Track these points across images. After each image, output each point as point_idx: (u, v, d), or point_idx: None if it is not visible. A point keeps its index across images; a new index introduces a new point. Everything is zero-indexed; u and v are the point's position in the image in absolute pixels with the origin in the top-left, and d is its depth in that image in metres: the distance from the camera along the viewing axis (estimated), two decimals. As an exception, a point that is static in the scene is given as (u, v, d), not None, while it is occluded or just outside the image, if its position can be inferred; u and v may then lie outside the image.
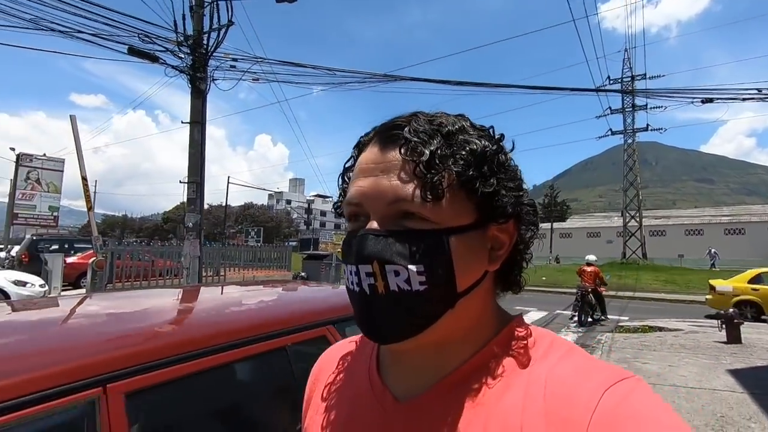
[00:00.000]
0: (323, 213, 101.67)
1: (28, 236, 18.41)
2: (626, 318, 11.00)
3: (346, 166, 0.55)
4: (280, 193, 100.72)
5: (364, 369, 0.56)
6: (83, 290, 13.32)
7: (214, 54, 9.19)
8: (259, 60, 9.36)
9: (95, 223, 9.98)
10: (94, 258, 10.15)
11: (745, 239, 43.11)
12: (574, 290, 9.78)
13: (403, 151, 0.46)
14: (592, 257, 10.80)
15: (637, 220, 31.81)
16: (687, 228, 47.79)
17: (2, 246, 26.42)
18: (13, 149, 34.05)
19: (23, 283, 10.36)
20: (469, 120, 0.51)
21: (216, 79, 9.17)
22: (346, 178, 0.54)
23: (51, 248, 17.33)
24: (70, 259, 14.23)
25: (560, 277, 23.07)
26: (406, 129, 0.46)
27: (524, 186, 0.51)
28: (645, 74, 30.39)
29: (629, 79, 30.54)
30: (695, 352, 6.59)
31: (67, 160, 37.96)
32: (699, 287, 19.15)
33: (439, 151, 0.45)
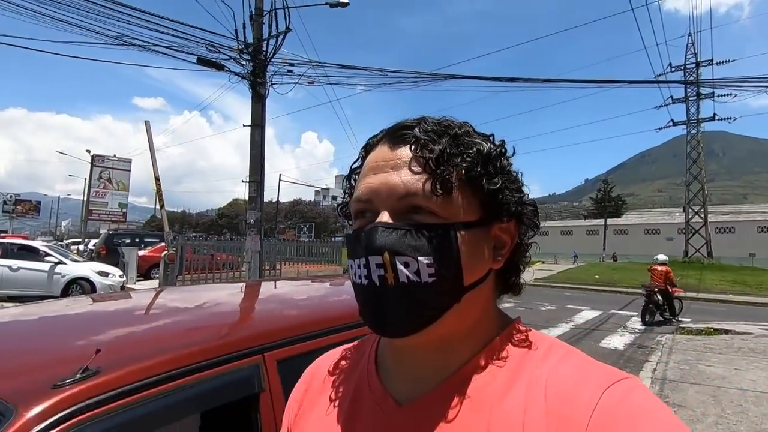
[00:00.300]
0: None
1: (103, 231, 20.20)
2: (688, 320, 10.49)
3: (353, 167, 0.56)
4: (326, 189, 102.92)
5: (363, 373, 0.57)
6: (155, 281, 14.51)
7: (273, 60, 9.69)
8: (314, 64, 9.81)
9: (167, 219, 10.87)
10: (166, 251, 11.05)
11: (829, 237, 39.15)
12: (630, 290, 9.42)
13: (413, 148, 0.48)
14: (662, 257, 10.50)
15: (702, 216, 29.77)
16: (760, 225, 44.07)
17: (80, 240, 29.01)
18: (88, 151, 36.91)
19: (105, 274, 11.46)
20: (473, 127, 0.53)
21: (274, 84, 9.68)
22: (352, 180, 0.55)
23: (125, 242, 18.96)
24: (141, 253, 15.49)
25: (615, 276, 22.20)
26: (416, 129, 0.49)
27: (524, 189, 0.53)
28: (712, 60, 28.28)
29: (693, 66, 28.56)
30: (766, 356, 6.28)
31: (133, 160, 41.00)
32: (773, 288, 17.76)
33: (448, 149, 0.47)
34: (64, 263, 11.10)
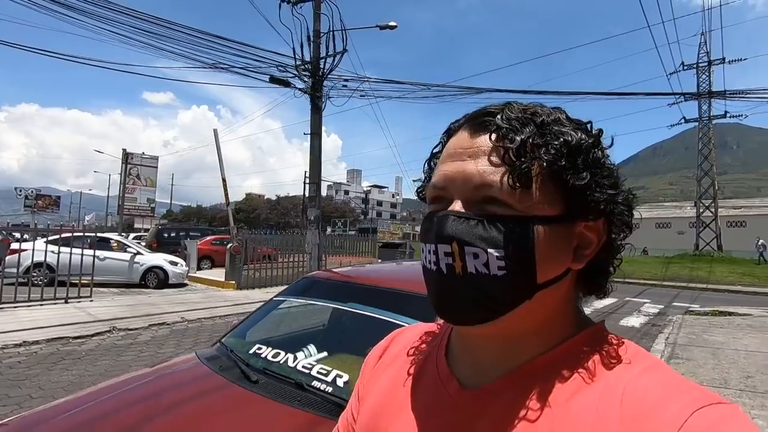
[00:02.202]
0: (379, 203, 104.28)
1: (152, 227, 21.83)
2: (697, 306, 11.75)
3: (434, 151, 0.55)
4: (338, 184, 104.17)
5: (433, 353, 0.57)
6: (208, 271, 16.04)
7: (329, 76, 11.07)
8: (365, 79, 11.15)
9: (232, 216, 12.31)
10: (231, 244, 12.54)
11: (840, 231, 39.70)
12: (641, 281, 10.32)
13: (493, 137, 0.46)
14: None
15: (712, 210, 30.71)
16: (771, 218, 44.67)
17: (124, 234, 30.68)
18: (124, 150, 38.54)
19: (175, 263, 12.93)
20: (566, 113, 0.50)
21: (331, 97, 11.05)
22: (432, 164, 0.54)
23: (172, 235, 20.59)
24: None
25: (628, 268, 23.10)
26: (499, 116, 0.47)
27: (621, 186, 0.49)
28: (723, 59, 29.06)
29: (705, 64, 29.36)
30: (761, 330, 7.58)
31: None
32: (781, 281, 18.80)
33: (530, 140, 0.45)
34: (142, 254, 12.61)
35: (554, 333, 0.49)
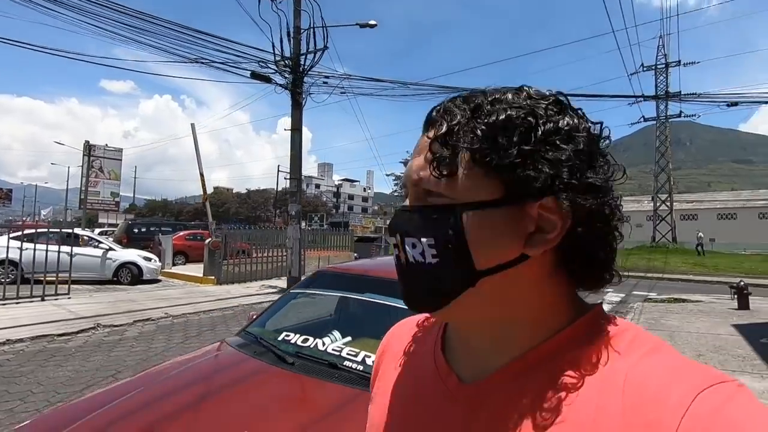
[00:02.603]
0: (351, 197, 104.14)
1: (121, 223, 21.16)
2: (654, 294, 12.67)
3: None
4: (310, 177, 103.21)
5: (430, 347, 0.57)
6: (182, 267, 15.82)
7: (309, 72, 11.16)
8: (346, 77, 11.30)
9: (210, 211, 12.23)
10: (210, 239, 12.47)
11: (780, 223, 43.02)
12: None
13: (429, 131, 0.47)
14: None
15: (668, 204, 32.64)
16: (719, 212, 47.78)
17: (88, 229, 29.45)
18: (87, 142, 36.95)
19: (149, 259, 12.75)
20: (527, 90, 0.47)
21: (312, 94, 11.16)
22: None
23: (142, 231, 20.09)
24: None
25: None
26: (441, 107, 0.48)
27: (589, 170, 0.44)
28: (679, 62, 30.87)
29: (663, 66, 31.05)
30: (710, 315, 8.37)
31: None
32: (727, 270, 20.37)
33: (456, 127, 0.44)
34: (114, 250, 12.35)
35: (547, 322, 0.47)
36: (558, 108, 0.46)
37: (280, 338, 2.43)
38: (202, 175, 12.09)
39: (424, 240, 0.45)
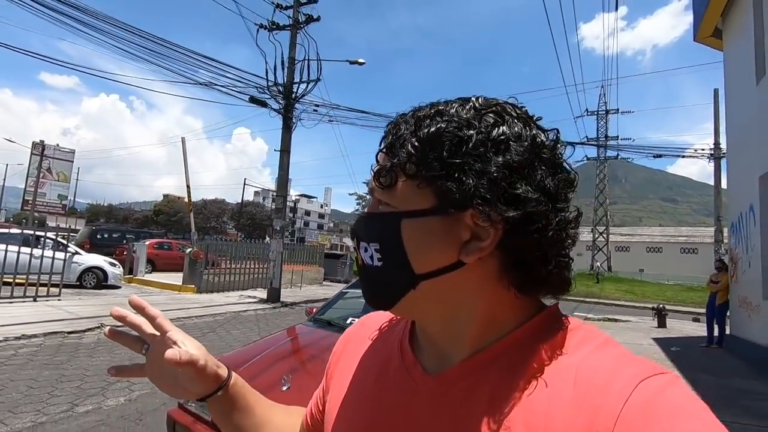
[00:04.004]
0: (308, 212, 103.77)
1: (84, 228, 20.54)
2: (592, 315, 14.50)
3: None
4: (267, 190, 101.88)
5: (397, 340, 0.58)
6: (151, 275, 15.88)
7: (300, 99, 12.20)
8: (334, 107, 12.37)
9: (194, 222, 12.65)
10: (191, 248, 12.90)
11: (698, 258, 48.34)
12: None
13: (382, 143, 0.51)
14: None
15: (605, 236, 36.05)
16: (648, 245, 52.86)
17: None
18: (42, 141, 35.21)
19: (114, 264, 12.83)
20: (473, 101, 0.48)
21: (302, 119, 12.16)
22: None
23: (107, 237, 19.78)
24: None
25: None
26: (392, 122, 0.51)
27: (516, 178, 0.44)
28: (617, 109, 34.85)
29: (604, 112, 34.83)
30: (636, 331, 10.08)
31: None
32: (652, 297, 23.09)
33: (398, 140, 0.47)
34: (80, 254, 12.35)
35: (500, 321, 0.49)
36: (498, 118, 0.46)
37: (348, 321, 3.44)
38: (188, 186, 12.56)
39: (372, 245, 0.48)
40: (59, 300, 9.23)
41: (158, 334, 0.57)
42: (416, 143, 0.46)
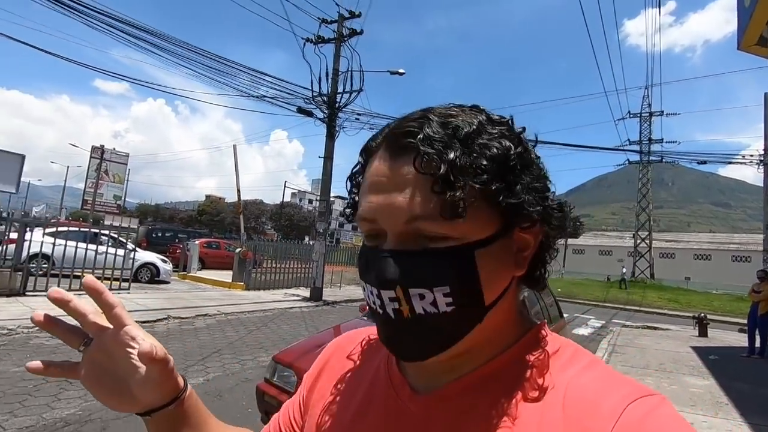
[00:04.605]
0: (342, 213, 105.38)
1: (141, 227, 22.28)
2: (630, 323, 14.37)
3: (354, 170, 0.52)
4: (303, 192, 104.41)
5: (383, 359, 0.56)
6: (200, 273, 17.04)
7: (344, 109, 12.86)
8: (375, 115, 12.99)
9: (243, 223, 13.58)
10: (240, 248, 13.83)
11: (751, 267, 45.72)
12: (586, 301, 12.12)
13: (417, 164, 0.42)
14: None
15: (647, 242, 34.89)
16: (696, 252, 50.54)
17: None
18: (102, 146, 37.95)
19: (165, 261, 13.87)
20: (485, 112, 0.47)
21: (344, 128, 12.82)
22: (354, 182, 0.52)
23: (160, 236, 21.30)
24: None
25: (574, 290, 26.44)
26: (419, 137, 0.42)
27: (549, 184, 0.48)
28: (662, 112, 33.68)
29: (647, 115, 33.76)
30: (675, 339, 10.04)
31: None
32: (698, 306, 22.27)
33: (458, 161, 0.41)
34: (136, 251, 13.41)
35: (502, 339, 0.49)
36: (515, 132, 0.46)
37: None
38: (239, 191, 13.51)
39: (437, 289, 0.42)
40: (129, 293, 10.27)
41: (110, 327, 0.48)
42: (488, 165, 0.42)
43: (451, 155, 0.41)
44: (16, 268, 8.64)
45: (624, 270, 30.95)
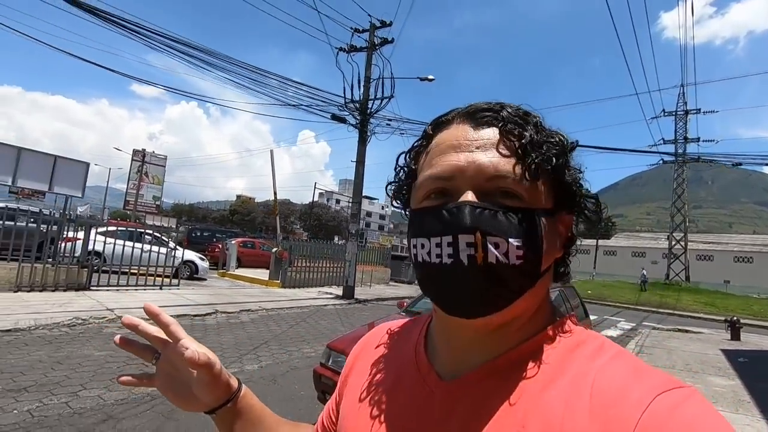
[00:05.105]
0: (369, 214, 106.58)
1: (182, 227, 23.71)
2: (662, 325, 14.28)
3: (415, 144, 0.56)
4: (330, 192, 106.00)
5: (411, 347, 0.58)
6: (238, 270, 17.93)
7: (375, 114, 13.37)
8: (405, 120, 13.47)
9: (279, 224, 14.30)
10: (277, 248, 14.57)
11: (796, 270, 43.57)
12: (617, 303, 12.02)
13: (501, 130, 0.48)
14: None
15: (683, 244, 33.91)
16: (736, 255, 48.52)
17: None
18: (143, 149, 39.93)
19: (202, 259, 14.69)
20: (532, 111, 0.53)
21: (375, 133, 13.33)
22: (409, 157, 0.56)
23: (199, 235, 22.45)
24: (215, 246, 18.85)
25: (605, 292, 26.08)
26: (503, 112, 0.50)
27: (583, 181, 0.53)
28: (699, 110, 32.65)
29: (683, 113, 32.80)
30: (705, 342, 10.06)
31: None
32: (736, 311, 21.56)
33: (535, 136, 0.48)
34: (178, 249, 14.25)
35: (534, 324, 0.51)
36: (567, 137, 0.53)
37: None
38: (275, 193, 14.23)
39: (513, 241, 0.45)
40: (178, 289, 11.11)
41: (171, 341, 0.57)
42: (557, 149, 0.49)
43: (529, 129, 0.49)
44: (82, 265, 9.56)
45: (644, 272, 30.30)
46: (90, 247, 9.92)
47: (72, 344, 5.71)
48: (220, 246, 18.79)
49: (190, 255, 14.49)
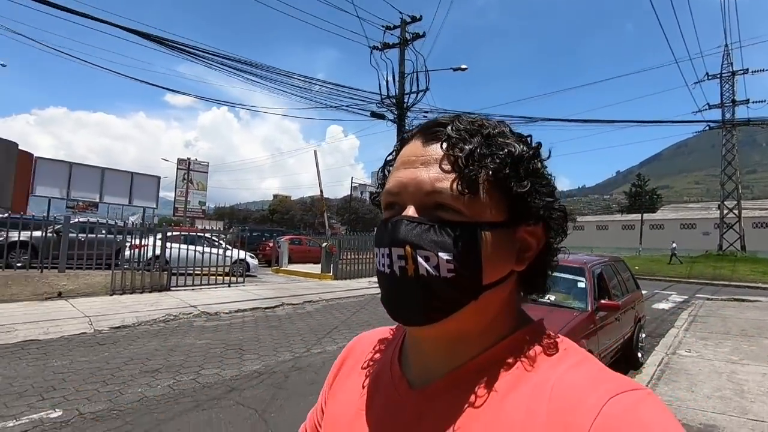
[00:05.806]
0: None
1: (233, 229, 25.19)
2: (715, 297, 14.06)
3: (388, 159, 0.58)
4: (363, 185, 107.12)
5: (388, 358, 0.60)
6: (291, 266, 18.95)
7: (412, 108, 13.80)
8: (442, 112, 13.82)
9: (328, 221, 15.07)
10: (326, 243, 15.38)
11: None
12: (667, 278, 11.85)
13: (444, 146, 0.49)
14: None
15: (736, 212, 32.39)
16: (796, 220, 45.65)
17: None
18: (188, 158, 42.08)
19: (253, 257, 15.64)
20: (509, 127, 0.53)
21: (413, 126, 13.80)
22: (386, 172, 0.57)
23: (249, 236, 23.72)
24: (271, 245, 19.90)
25: (653, 267, 25.47)
26: (449, 127, 0.50)
27: (556, 194, 0.53)
28: (746, 69, 30.84)
29: (729, 74, 31.12)
30: (762, 310, 10.00)
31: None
32: (799, 279, 20.56)
33: (478, 149, 0.48)
34: (229, 249, 15.27)
35: (495, 332, 0.51)
36: (535, 146, 0.53)
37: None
38: (321, 191, 14.98)
39: (442, 254, 0.46)
40: (244, 286, 12.08)
41: None
42: (506, 159, 0.49)
43: (475, 141, 0.49)
44: (163, 269, 10.66)
45: (674, 245, 29.51)
46: (157, 252, 10.83)
47: (175, 336, 6.62)
48: (270, 244, 19.92)
49: (242, 254, 15.53)
